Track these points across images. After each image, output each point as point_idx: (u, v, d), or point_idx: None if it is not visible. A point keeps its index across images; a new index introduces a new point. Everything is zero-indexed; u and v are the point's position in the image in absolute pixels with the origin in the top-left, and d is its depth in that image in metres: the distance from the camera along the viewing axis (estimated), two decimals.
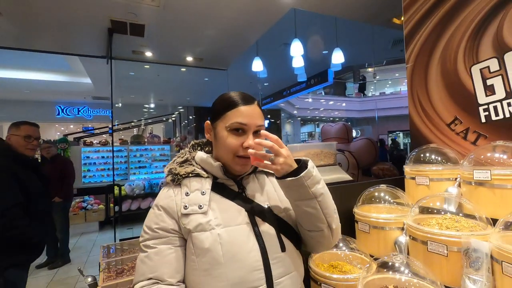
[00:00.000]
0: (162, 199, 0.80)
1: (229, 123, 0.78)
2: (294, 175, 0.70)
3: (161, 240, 0.74)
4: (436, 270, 1.05)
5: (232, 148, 0.78)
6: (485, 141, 1.44)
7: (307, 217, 0.77)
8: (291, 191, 0.75)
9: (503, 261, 0.88)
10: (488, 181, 1.16)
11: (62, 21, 2.74)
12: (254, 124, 0.79)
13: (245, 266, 0.71)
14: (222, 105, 0.82)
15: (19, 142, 1.91)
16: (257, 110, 0.82)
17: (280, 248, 0.76)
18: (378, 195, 1.47)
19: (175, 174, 0.82)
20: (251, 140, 0.77)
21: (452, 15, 1.57)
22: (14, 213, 1.73)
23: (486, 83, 1.43)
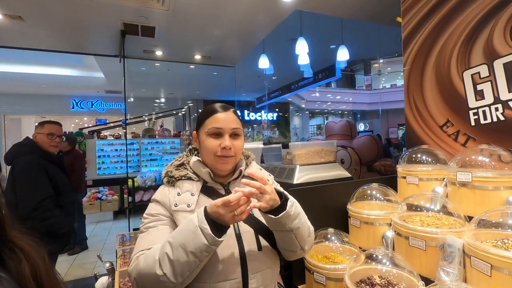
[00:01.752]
0: (158, 195, 0.94)
1: (207, 129, 0.92)
2: (274, 213, 0.79)
3: (160, 222, 0.87)
4: (416, 263, 1.16)
5: (212, 149, 0.90)
6: (474, 143, 1.51)
7: (282, 241, 0.89)
8: (270, 223, 0.84)
9: (471, 256, 0.98)
10: (469, 182, 1.25)
11: (78, 24, 2.89)
12: (228, 127, 0.91)
13: (224, 260, 0.81)
14: (203, 115, 0.97)
15: (43, 140, 2.09)
16: (231, 116, 0.94)
17: (257, 247, 0.86)
18: (371, 193, 1.57)
19: (171, 176, 0.95)
20: (227, 141, 0.89)
21: (447, 21, 1.63)
22: (46, 205, 1.91)
23: (476, 88, 1.50)
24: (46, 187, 1.96)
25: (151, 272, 0.73)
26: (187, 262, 0.71)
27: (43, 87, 9.18)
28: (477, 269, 0.96)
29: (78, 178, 4.28)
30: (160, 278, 0.72)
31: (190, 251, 0.71)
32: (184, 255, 0.71)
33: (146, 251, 0.79)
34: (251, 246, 0.86)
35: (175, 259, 0.71)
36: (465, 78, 1.55)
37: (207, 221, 0.71)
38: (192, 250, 0.71)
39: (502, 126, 1.40)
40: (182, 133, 7.76)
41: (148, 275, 0.74)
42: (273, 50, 5.03)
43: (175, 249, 0.72)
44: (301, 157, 2.21)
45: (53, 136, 2.11)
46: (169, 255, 0.72)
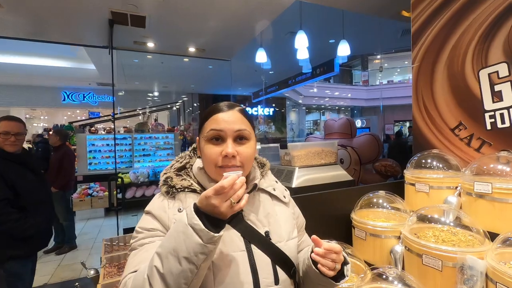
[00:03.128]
0: (155, 209, 0.75)
1: (205, 133, 0.74)
2: (335, 278, 0.71)
3: (157, 238, 0.70)
4: (430, 284, 1.05)
5: (211, 158, 0.72)
6: (489, 148, 1.40)
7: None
8: (321, 282, 0.73)
9: (497, 282, 0.87)
10: (488, 194, 1.13)
11: (63, 12, 2.69)
12: (231, 129, 0.72)
13: None
14: (203, 116, 0.78)
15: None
16: (236, 115, 0.75)
17: (274, 280, 0.72)
18: (377, 201, 1.45)
19: (171, 186, 0.76)
20: (230, 148, 0.70)
21: (462, 15, 1.50)
22: (0, 208, 1.77)
23: (494, 89, 1.37)
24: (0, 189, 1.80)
25: None
26: (182, 272, 0.57)
27: (33, 78, 8.88)
28: None
29: (67, 175, 4.09)
30: None
31: (183, 257, 0.56)
32: (176, 264, 0.57)
33: (134, 273, 0.64)
34: (268, 280, 0.71)
35: (166, 272, 0.57)
36: (481, 77, 1.42)
37: (198, 216, 0.57)
38: (185, 255, 0.56)
39: None
40: (176, 128, 7.59)
41: None
42: (271, 43, 4.86)
43: (165, 259, 0.58)
44: (300, 158, 2.08)
45: (7, 134, 1.91)
46: (158, 268, 0.58)
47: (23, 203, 1.90)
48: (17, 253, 1.88)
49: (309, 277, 0.76)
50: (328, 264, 0.67)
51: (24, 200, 1.90)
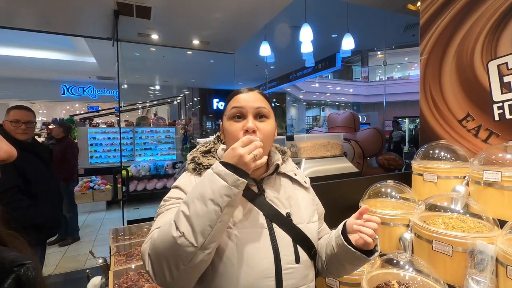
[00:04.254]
0: (184, 184, 0.78)
1: (227, 112, 0.78)
2: (368, 253, 0.74)
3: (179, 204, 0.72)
4: (440, 269, 1.07)
5: (233, 134, 0.74)
6: (497, 139, 1.42)
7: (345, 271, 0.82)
8: (352, 259, 0.75)
9: (508, 265, 0.89)
10: (498, 182, 1.15)
11: (67, 2, 2.67)
12: (251, 106, 0.76)
13: (257, 272, 0.69)
14: (226, 100, 0.83)
15: (9, 127, 1.94)
16: (256, 95, 0.79)
17: (295, 259, 0.74)
18: (385, 190, 1.47)
19: (198, 163, 0.80)
20: (251, 122, 0.74)
21: (472, 7, 1.51)
22: (10, 196, 1.78)
23: (503, 80, 1.39)
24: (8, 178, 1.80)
25: (167, 238, 0.60)
26: (207, 213, 0.60)
27: (31, 71, 8.82)
28: None
29: (70, 168, 4.10)
30: (177, 241, 0.59)
31: (209, 199, 0.60)
32: (202, 206, 0.60)
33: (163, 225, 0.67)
34: (289, 258, 0.73)
35: (192, 214, 0.60)
36: (490, 69, 1.44)
37: (224, 166, 0.62)
38: (211, 197, 0.60)
39: None
40: (177, 122, 7.58)
41: (163, 243, 0.61)
42: (274, 38, 4.85)
43: (191, 203, 0.61)
44: (306, 150, 2.10)
45: (18, 123, 1.95)
46: (185, 212, 0.61)
47: (33, 191, 1.91)
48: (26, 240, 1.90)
49: (337, 258, 0.78)
50: (369, 232, 0.69)
51: (34, 188, 1.91)
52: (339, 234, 0.77)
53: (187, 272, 0.62)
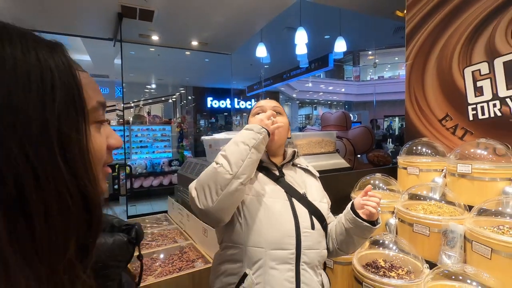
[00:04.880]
0: None
1: (252, 112, 1.06)
2: (372, 223, 0.91)
3: None
4: (419, 247, 1.25)
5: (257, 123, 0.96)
6: (471, 137, 1.61)
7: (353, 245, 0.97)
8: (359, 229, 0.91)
9: (473, 241, 1.07)
10: (469, 174, 1.34)
11: (72, 4, 2.76)
12: (269, 106, 1.03)
13: (282, 231, 0.87)
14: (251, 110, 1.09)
15: None
16: (272, 100, 1.08)
17: (311, 226, 0.91)
18: (374, 182, 1.65)
19: None
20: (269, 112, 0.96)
21: (450, 18, 1.69)
22: None
23: (477, 85, 1.58)
24: None
25: (209, 170, 0.82)
26: (239, 150, 0.81)
27: None
28: (478, 253, 1.05)
29: None
30: (217, 169, 0.80)
31: (240, 141, 0.83)
32: (235, 146, 0.83)
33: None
34: (305, 224, 0.91)
35: (228, 152, 0.82)
36: (465, 74, 1.62)
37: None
38: (241, 140, 0.83)
39: (498, 121, 1.49)
40: (172, 120, 7.66)
41: (206, 174, 0.83)
42: (268, 38, 4.98)
43: (227, 148, 0.84)
44: (302, 147, 2.26)
45: None
46: (222, 153, 0.83)
47: None
48: None
49: (347, 232, 0.94)
50: (373, 204, 0.88)
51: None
52: (348, 211, 0.94)
53: (224, 198, 0.79)
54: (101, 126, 0.37)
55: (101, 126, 0.37)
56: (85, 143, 0.31)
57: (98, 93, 0.38)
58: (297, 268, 0.86)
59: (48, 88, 0.28)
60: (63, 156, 0.28)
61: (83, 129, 0.31)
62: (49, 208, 0.27)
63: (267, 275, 0.84)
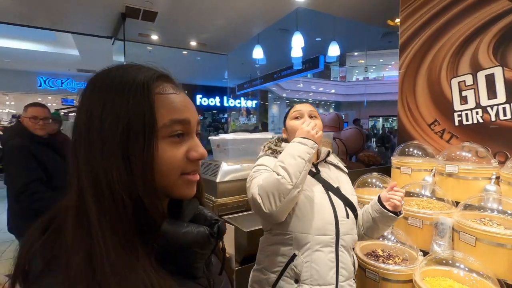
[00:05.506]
0: (265, 161, 1.11)
1: (291, 116, 1.18)
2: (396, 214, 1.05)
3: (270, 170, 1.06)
4: (413, 238, 1.42)
5: (296, 128, 1.10)
6: (456, 140, 1.80)
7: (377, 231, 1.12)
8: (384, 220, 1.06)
9: (460, 231, 1.25)
10: (455, 173, 1.52)
11: (75, 3, 2.76)
12: (306, 110, 1.16)
13: (324, 219, 1.02)
14: (287, 112, 1.23)
15: (28, 123, 2.06)
16: (307, 105, 1.19)
17: (346, 215, 1.06)
18: (371, 181, 1.82)
19: (274, 150, 1.16)
20: (307, 119, 1.11)
21: (440, 33, 1.87)
22: (33, 188, 1.91)
23: (462, 94, 1.77)
24: (32, 170, 1.95)
25: (272, 180, 0.95)
26: (296, 164, 0.95)
27: (8, 61, 8.43)
28: (464, 241, 1.23)
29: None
30: (280, 180, 0.94)
31: (297, 155, 0.96)
32: (292, 159, 0.96)
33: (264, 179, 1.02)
34: (341, 213, 1.06)
35: (287, 164, 0.95)
36: (452, 84, 1.81)
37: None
38: (298, 154, 0.96)
39: (480, 127, 1.69)
40: None
41: (269, 183, 0.96)
42: (260, 38, 5.10)
43: (285, 159, 0.97)
44: None
45: (36, 119, 2.07)
46: (281, 165, 0.96)
47: (54, 184, 2.05)
48: None
49: (374, 221, 1.09)
50: (397, 198, 1.03)
51: (56, 181, 2.05)
52: (375, 202, 1.09)
53: (285, 204, 0.95)
54: (179, 139, 0.44)
55: (183, 139, 0.45)
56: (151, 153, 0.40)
57: (174, 112, 0.44)
58: (336, 250, 1.02)
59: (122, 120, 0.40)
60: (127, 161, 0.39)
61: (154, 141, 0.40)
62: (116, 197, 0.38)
63: (314, 255, 1.00)
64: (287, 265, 1.03)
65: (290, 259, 1.02)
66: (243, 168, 2.17)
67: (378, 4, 2.65)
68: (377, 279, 1.27)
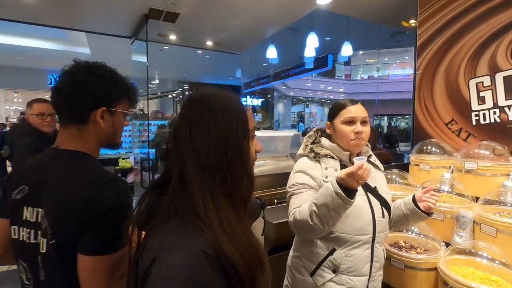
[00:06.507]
0: (308, 168, 1.14)
1: (342, 118, 1.14)
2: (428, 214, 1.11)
3: (307, 189, 1.12)
4: (435, 230, 1.50)
5: (346, 134, 1.12)
6: (473, 139, 1.88)
7: (407, 225, 1.22)
8: (415, 217, 1.13)
9: (481, 223, 1.33)
10: (474, 170, 1.60)
11: (101, 4, 2.86)
12: (360, 116, 1.13)
13: (363, 220, 1.08)
14: (336, 108, 1.19)
15: (35, 121, 1.99)
16: (361, 108, 1.16)
17: (382, 215, 1.12)
18: (391, 177, 1.90)
19: (316, 152, 1.16)
20: (359, 127, 1.11)
21: (458, 36, 1.95)
22: None
23: (480, 95, 1.85)
24: None
25: (306, 223, 1.01)
26: (329, 216, 0.97)
27: (20, 59, 8.58)
28: (485, 233, 1.31)
29: None
30: (312, 226, 1.00)
31: (331, 209, 0.95)
32: (327, 212, 0.96)
33: (299, 208, 1.07)
34: (378, 214, 1.12)
35: (321, 214, 0.97)
36: (470, 85, 1.89)
37: (340, 187, 0.93)
38: (332, 208, 0.95)
39: (497, 126, 1.77)
40: (173, 116, 7.75)
41: (304, 224, 1.02)
42: (275, 39, 5.18)
43: (319, 208, 0.97)
44: None
45: (43, 115, 2.00)
46: (316, 212, 0.98)
47: None
48: None
49: (405, 217, 1.16)
50: (433, 202, 1.09)
51: None
52: (410, 201, 1.14)
53: (318, 236, 1.06)
54: (253, 139, 0.64)
55: (253, 139, 0.65)
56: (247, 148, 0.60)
57: (253, 120, 0.65)
58: (372, 246, 1.10)
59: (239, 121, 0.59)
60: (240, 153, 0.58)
61: (248, 141, 0.60)
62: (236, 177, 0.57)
63: (352, 251, 1.08)
64: (326, 257, 1.10)
65: (329, 253, 1.10)
66: (265, 164, 2.27)
67: (394, 6, 2.72)
68: (402, 267, 1.36)
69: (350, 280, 1.09)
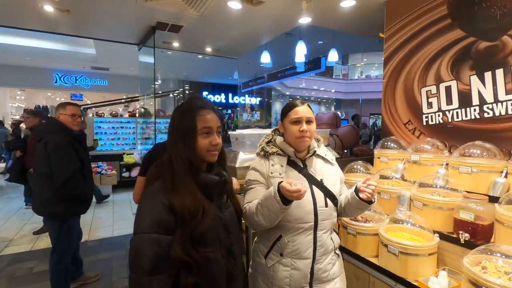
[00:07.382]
0: (257, 165, 1.28)
1: (290, 118, 1.25)
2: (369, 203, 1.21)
3: (258, 185, 1.26)
4: (383, 207, 1.92)
5: (294, 133, 1.23)
6: (423, 136, 2.30)
7: (353, 214, 1.35)
8: (359, 207, 1.23)
9: (414, 200, 1.75)
10: (418, 161, 2.02)
11: (114, 17, 3.24)
12: (305, 116, 1.22)
13: (304, 210, 1.19)
14: (286, 109, 1.30)
15: (67, 120, 2.30)
16: (307, 108, 1.25)
17: (325, 204, 1.23)
18: (357, 167, 2.32)
19: (266, 151, 1.29)
20: (304, 126, 1.21)
21: (414, 51, 2.37)
22: (76, 176, 2.23)
23: (428, 100, 2.27)
24: (75, 161, 2.24)
25: (253, 218, 1.18)
26: (270, 216, 1.12)
27: (28, 59, 8.95)
28: (415, 207, 1.74)
29: None
30: (258, 222, 1.16)
31: (271, 210, 1.10)
32: (268, 212, 1.11)
33: (250, 204, 1.22)
34: (321, 204, 1.23)
35: (264, 213, 1.12)
36: (422, 93, 2.31)
37: (279, 195, 1.05)
38: (272, 210, 1.09)
39: (441, 126, 2.19)
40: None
41: (251, 219, 1.19)
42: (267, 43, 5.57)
43: (263, 208, 1.11)
44: None
45: (75, 116, 2.32)
46: (259, 210, 1.13)
47: (84, 173, 2.37)
48: (78, 211, 2.41)
49: (350, 205, 1.27)
50: (369, 191, 1.16)
51: (86, 170, 2.39)
52: (352, 192, 1.24)
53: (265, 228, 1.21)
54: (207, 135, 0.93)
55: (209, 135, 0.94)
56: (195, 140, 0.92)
57: (204, 122, 0.93)
58: (314, 233, 1.22)
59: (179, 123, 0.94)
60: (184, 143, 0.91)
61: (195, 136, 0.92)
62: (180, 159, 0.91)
63: (295, 237, 1.22)
64: (275, 242, 1.25)
65: (277, 238, 1.24)
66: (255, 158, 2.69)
67: (370, 19, 3.13)
68: (355, 234, 1.79)
69: (293, 262, 1.22)
